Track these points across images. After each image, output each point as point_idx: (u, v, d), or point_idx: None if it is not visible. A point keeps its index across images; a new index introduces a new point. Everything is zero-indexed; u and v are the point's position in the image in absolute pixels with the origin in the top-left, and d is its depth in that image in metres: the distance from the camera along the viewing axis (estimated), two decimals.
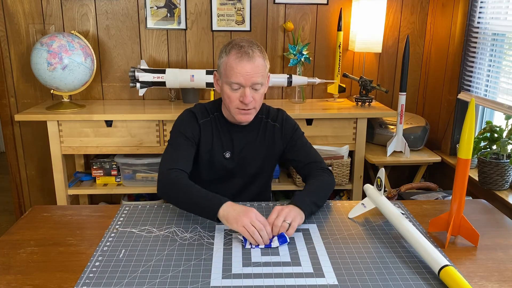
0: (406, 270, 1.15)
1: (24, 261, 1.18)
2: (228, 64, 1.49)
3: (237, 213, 1.29)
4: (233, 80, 1.48)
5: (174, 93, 2.76)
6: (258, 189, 1.73)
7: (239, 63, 1.47)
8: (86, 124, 2.42)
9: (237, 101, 1.51)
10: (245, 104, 1.50)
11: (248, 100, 1.49)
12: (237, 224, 1.27)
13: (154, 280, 1.10)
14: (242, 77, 1.47)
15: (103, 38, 2.72)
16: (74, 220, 1.42)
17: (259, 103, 1.56)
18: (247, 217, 1.27)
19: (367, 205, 1.45)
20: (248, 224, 1.25)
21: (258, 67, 1.48)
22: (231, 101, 1.52)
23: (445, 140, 2.75)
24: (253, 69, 1.47)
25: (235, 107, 1.53)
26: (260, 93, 1.53)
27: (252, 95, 1.50)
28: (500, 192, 2.17)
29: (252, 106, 1.53)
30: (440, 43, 2.76)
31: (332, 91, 2.81)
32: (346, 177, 2.62)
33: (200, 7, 2.71)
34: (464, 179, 1.25)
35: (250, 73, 1.47)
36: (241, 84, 1.48)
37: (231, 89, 1.51)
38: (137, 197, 2.78)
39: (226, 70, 1.50)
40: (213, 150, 1.62)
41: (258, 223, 1.26)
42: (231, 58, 1.48)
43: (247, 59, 1.46)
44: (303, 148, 1.67)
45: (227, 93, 1.52)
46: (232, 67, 1.47)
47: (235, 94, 1.51)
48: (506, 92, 2.26)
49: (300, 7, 2.77)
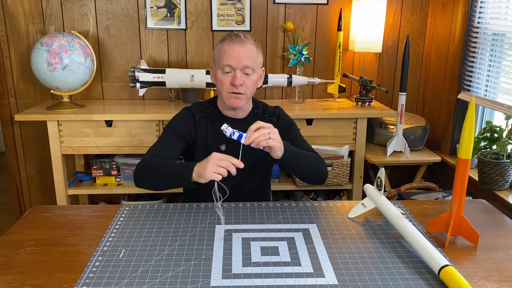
0: (406, 270, 1.15)
1: (24, 261, 1.18)
2: (221, 48, 1.57)
3: (203, 164, 1.36)
4: (225, 62, 1.54)
5: (174, 93, 2.76)
6: (256, 186, 1.74)
7: (231, 46, 1.54)
8: (86, 124, 2.42)
9: (228, 84, 1.56)
10: (235, 86, 1.54)
11: (238, 81, 1.53)
12: (206, 174, 1.33)
13: (154, 280, 1.10)
14: (232, 59, 1.53)
15: (103, 38, 2.72)
16: (74, 220, 1.42)
17: (250, 90, 1.59)
18: (211, 162, 1.34)
19: (367, 205, 1.46)
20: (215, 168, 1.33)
21: (249, 52, 1.55)
22: (222, 85, 1.57)
23: (445, 140, 2.75)
24: (244, 52, 1.53)
25: (226, 91, 1.57)
26: (251, 79, 1.57)
27: (243, 79, 1.55)
28: (500, 192, 2.17)
29: (242, 90, 1.56)
30: (440, 43, 2.76)
31: (332, 91, 2.81)
32: (346, 177, 2.62)
33: (200, 7, 2.71)
34: (464, 179, 1.25)
35: (241, 56, 1.53)
36: (232, 66, 1.54)
37: (222, 72, 1.56)
38: (137, 197, 2.78)
39: (219, 54, 1.57)
40: (209, 143, 1.66)
41: (224, 161, 1.34)
42: (224, 43, 1.56)
43: (239, 43, 1.54)
44: (298, 142, 1.69)
45: (219, 77, 1.57)
46: (224, 50, 1.55)
47: (226, 77, 1.56)
48: (506, 92, 2.26)
49: (300, 7, 2.77)
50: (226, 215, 1.46)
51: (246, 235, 1.32)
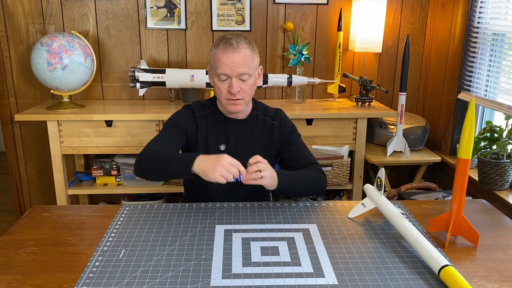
0: (406, 270, 1.15)
1: (24, 261, 1.18)
2: (215, 56, 1.55)
3: (212, 163, 1.34)
4: (220, 71, 1.53)
5: (174, 93, 2.76)
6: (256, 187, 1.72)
7: (225, 54, 1.52)
8: (86, 124, 2.42)
9: (226, 91, 1.55)
10: (232, 94, 1.53)
11: (234, 90, 1.52)
12: (213, 175, 1.32)
13: (154, 280, 1.10)
14: (227, 68, 1.51)
15: (103, 38, 2.72)
16: (74, 220, 1.42)
17: (248, 94, 1.59)
18: (222, 165, 1.32)
19: (367, 205, 1.46)
20: (224, 172, 1.32)
21: (244, 58, 1.52)
22: (220, 92, 1.56)
23: (445, 140, 2.75)
24: (238, 60, 1.51)
25: (225, 98, 1.57)
26: (248, 84, 1.56)
27: (240, 85, 1.54)
28: (500, 192, 2.17)
29: (240, 96, 1.55)
30: (440, 43, 2.76)
31: (332, 91, 2.81)
32: (346, 177, 2.62)
33: (200, 7, 2.71)
34: (464, 179, 1.25)
35: (236, 63, 1.51)
36: (227, 74, 1.53)
37: (219, 80, 1.55)
38: (137, 197, 2.78)
39: (214, 62, 1.55)
40: (208, 143, 1.66)
41: (233, 168, 1.33)
42: (218, 50, 1.54)
43: (232, 50, 1.51)
44: (300, 149, 1.70)
45: (217, 84, 1.57)
46: (219, 58, 1.53)
47: (223, 85, 1.55)
48: (506, 92, 2.26)
49: (300, 7, 2.77)
50: (226, 215, 1.46)
51: (246, 235, 1.32)
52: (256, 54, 1.60)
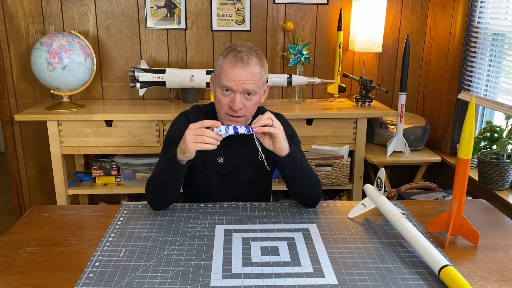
0: (406, 270, 1.15)
1: (24, 261, 1.18)
2: (222, 67, 1.45)
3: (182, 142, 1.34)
4: (224, 83, 1.44)
5: (174, 93, 2.76)
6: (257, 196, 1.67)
7: (233, 68, 1.43)
8: (86, 124, 2.42)
9: (227, 106, 1.46)
10: (234, 110, 1.45)
11: (236, 106, 1.44)
12: (189, 147, 1.32)
13: (154, 280, 1.10)
14: (233, 82, 1.43)
15: (103, 38, 2.72)
16: (74, 220, 1.42)
17: (250, 112, 1.50)
18: (188, 134, 1.32)
19: (367, 205, 1.46)
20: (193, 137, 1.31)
21: (252, 75, 1.44)
22: (221, 105, 1.48)
23: (445, 140, 2.75)
24: (246, 76, 1.43)
25: (224, 112, 1.48)
26: (252, 101, 1.48)
27: (243, 102, 1.45)
28: (500, 192, 2.17)
29: (241, 113, 1.47)
30: (440, 43, 2.76)
31: (332, 91, 2.81)
32: (346, 177, 2.62)
33: (200, 7, 2.71)
34: (464, 179, 1.25)
35: (242, 80, 1.43)
36: (232, 89, 1.44)
37: (222, 92, 1.46)
38: (137, 197, 2.78)
39: (220, 72, 1.46)
40: (207, 155, 1.57)
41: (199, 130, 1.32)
42: (226, 61, 1.45)
43: (241, 65, 1.42)
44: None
45: (218, 96, 1.48)
46: (225, 71, 1.44)
47: (225, 98, 1.46)
48: (506, 92, 2.26)
49: (300, 7, 2.77)
50: (226, 215, 1.46)
51: (246, 235, 1.32)
52: (265, 71, 1.51)
